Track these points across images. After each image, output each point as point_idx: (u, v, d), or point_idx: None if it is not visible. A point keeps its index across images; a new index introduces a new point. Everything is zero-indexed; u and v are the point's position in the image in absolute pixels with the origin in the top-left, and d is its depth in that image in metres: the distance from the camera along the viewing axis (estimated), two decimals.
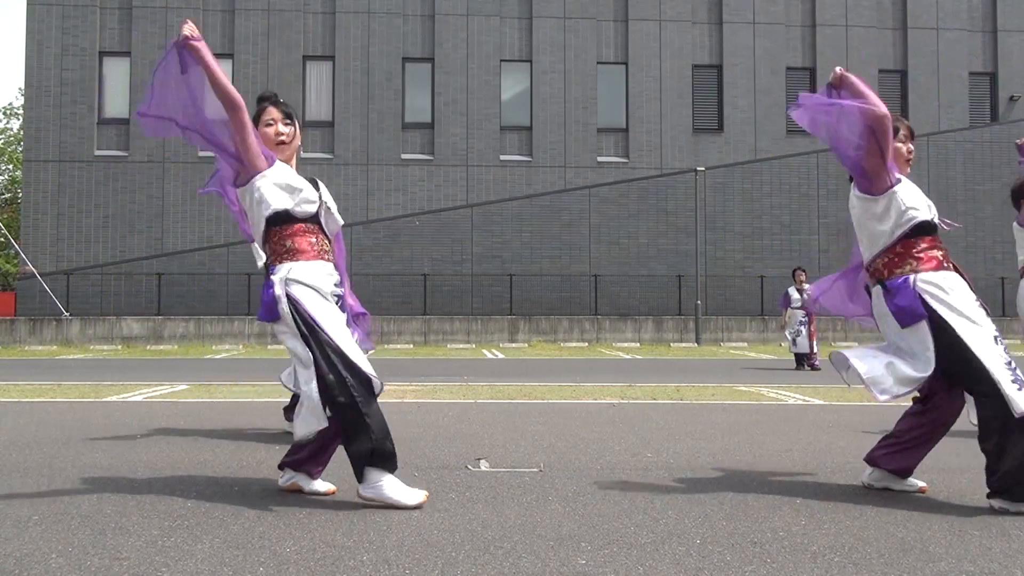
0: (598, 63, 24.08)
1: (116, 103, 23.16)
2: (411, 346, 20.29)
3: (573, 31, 23.94)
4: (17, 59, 69.30)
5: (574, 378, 10.71)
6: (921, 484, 3.80)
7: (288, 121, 3.81)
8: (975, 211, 23.45)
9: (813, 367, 12.66)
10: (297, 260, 3.52)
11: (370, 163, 23.25)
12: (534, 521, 3.19)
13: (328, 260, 3.63)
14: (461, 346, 20.24)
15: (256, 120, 3.78)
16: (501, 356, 16.78)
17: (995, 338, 3.48)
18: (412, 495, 3.38)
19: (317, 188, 3.75)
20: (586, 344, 21.04)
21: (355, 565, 2.64)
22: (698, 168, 21.87)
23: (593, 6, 24.05)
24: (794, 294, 13.11)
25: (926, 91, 24.85)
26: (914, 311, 3.51)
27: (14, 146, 37.95)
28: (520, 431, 5.56)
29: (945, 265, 3.61)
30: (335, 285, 3.60)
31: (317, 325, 3.43)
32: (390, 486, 3.37)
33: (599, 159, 23.88)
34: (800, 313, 12.86)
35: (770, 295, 21.90)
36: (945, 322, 3.47)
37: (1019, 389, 3.33)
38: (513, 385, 9.34)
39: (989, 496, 3.44)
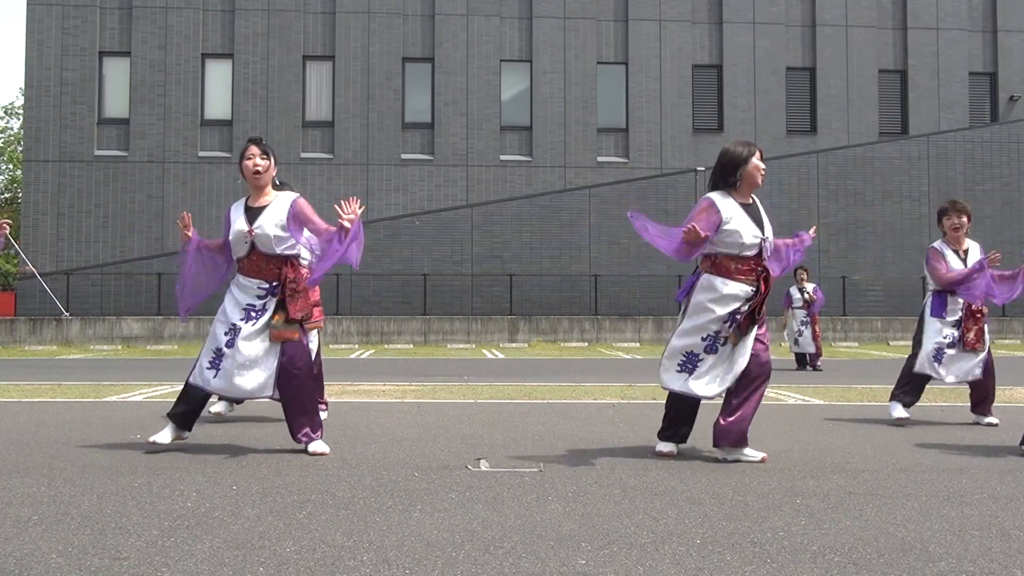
0: (598, 63, 24.08)
1: (116, 103, 23.16)
2: (411, 346, 20.29)
3: (573, 31, 23.93)
4: (17, 59, 69.33)
5: (574, 378, 10.71)
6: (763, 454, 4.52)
7: (265, 155, 4.77)
8: (975, 211, 23.30)
9: (816, 368, 12.60)
10: None
11: (370, 163, 23.25)
12: (534, 521, 3.19)
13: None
14: (461, 346, 20.24)
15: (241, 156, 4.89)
16: (501, 356, 16.78)
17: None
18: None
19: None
20: (586, 344, 21.04)
21: (355, 565, 2.64)
22: (698, 168, 21.87)
23: (593, 6, 24.05)
24: (795, 294, 13.08)
25: (926, 91, 24.85)
26: None
27: (14, 146, 37.96)
28: (520, 431, 5.56)
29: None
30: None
31: None
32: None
33: (599, 159, 23.88)
34: (802, 313, 12.81)
35: (771, 295, 21.87)
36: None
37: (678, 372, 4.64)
38: (513, 385, 9.34)
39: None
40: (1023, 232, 23.77)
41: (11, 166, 38.62)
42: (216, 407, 6.15)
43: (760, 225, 4.56)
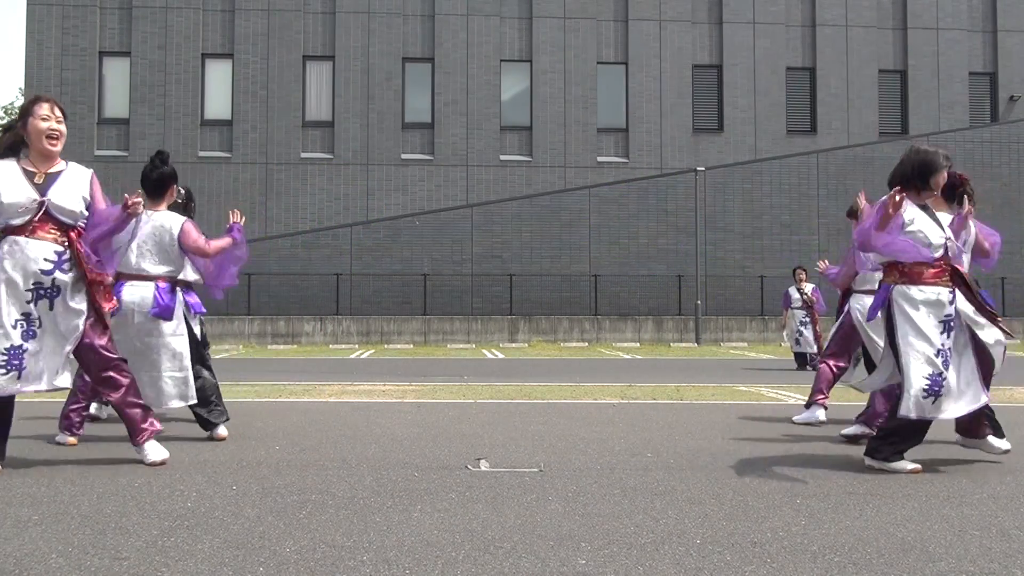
0: (598, 63, 24.08)
1: (116, 103, 23.17)
2: (411, 346, 20.29)
3: (573, 31, 23.94)
4: (17, 59, 69.33)
5: (574, 378, 10.71)
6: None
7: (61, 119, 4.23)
8: (975, 211, 23.45)
9: (816, 368, 12.55)
10: None
11: (370, 163, 23.24)
12: (534, 521, 3.19)
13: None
14: (461, 346, 20.23)
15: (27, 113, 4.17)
16: (501, 356, 16.77)
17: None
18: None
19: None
20: (586, 344, 21.04)
21: (355, 565, 2.64)
22: (698, 168, 21.86)
23: (593, 6, 24.05)
24: (794, 294, 13.06)
25: (926, 91, 24.85)
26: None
27: None
28: (520, 431, 5.56)
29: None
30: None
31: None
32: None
33: (599, 159, 23.88)
34: (801, 313, 12.80)
35: (770, 295, 21.92)
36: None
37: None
38: (513, 385, 9.34)
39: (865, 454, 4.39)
40: (1022, 232, 23.78)
41: None
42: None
43: (941, 226, 4.41)
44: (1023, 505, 3.55)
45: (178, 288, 5.14)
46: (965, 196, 4.81)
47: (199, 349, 5.38)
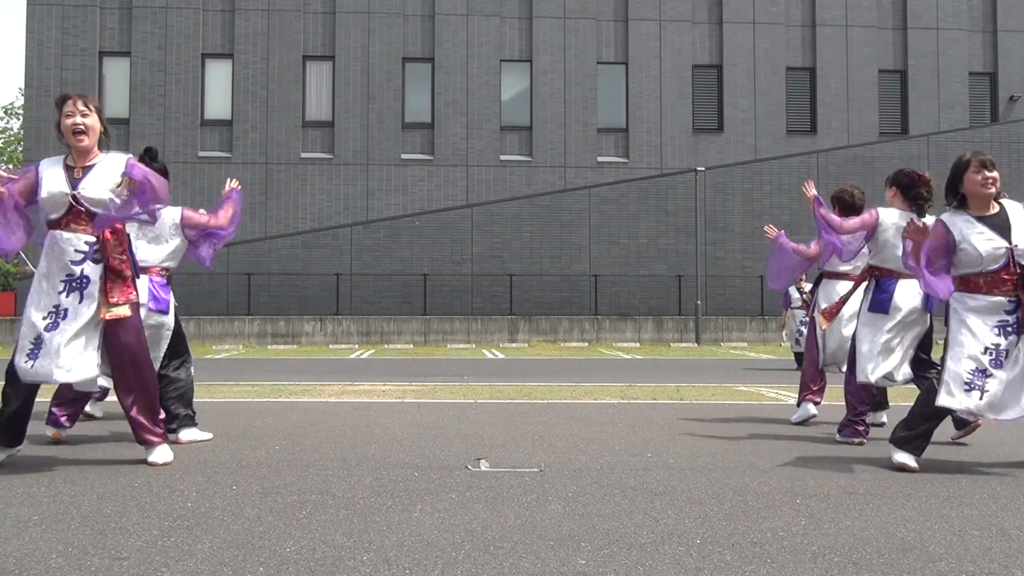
0: (598, 63, 24.08)
1: (116, 103, 23.15)
2: (411, 346, 20.28)
3: (573, 31, 23.93)
4: (17, 59, 69.31)
5: (574, 378, 10.71)
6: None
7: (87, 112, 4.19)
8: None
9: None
10: None
11: (370, 163, 23.24)
12: (534, 521, 3.19)
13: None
14: (461, 346, 20.23)
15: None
16: (501, 356, 16.77)
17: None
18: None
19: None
20: (586, 344, 21.04)
21: (355, 565, 2.64)
22: (698, 168, 21.86)
23: (593, 6, 24.04)
24: (794, 293, 13.05)
25: (926, 91, 24.84)
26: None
27: (14, 146, 37.97)
28: (520, 431, 5.56)
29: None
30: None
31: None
32: None
33: (599, 159, 23.87)
34: (801, 313, 12.79)
35: (770, 295, 21.90)
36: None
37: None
38: (513, 385, 9.34)
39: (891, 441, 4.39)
40: None
41: (11, 166, 38.60)
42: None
43: (1005, 233, 4.21)
44: (1023, 505, 3.55)
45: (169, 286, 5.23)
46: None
47: (179, 346, 5.34)
